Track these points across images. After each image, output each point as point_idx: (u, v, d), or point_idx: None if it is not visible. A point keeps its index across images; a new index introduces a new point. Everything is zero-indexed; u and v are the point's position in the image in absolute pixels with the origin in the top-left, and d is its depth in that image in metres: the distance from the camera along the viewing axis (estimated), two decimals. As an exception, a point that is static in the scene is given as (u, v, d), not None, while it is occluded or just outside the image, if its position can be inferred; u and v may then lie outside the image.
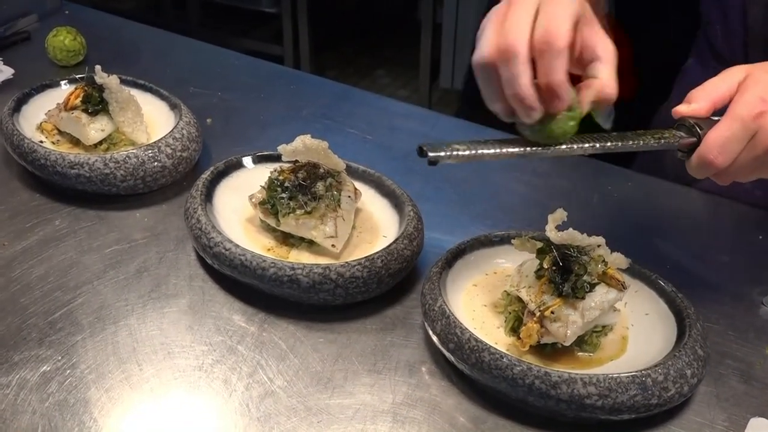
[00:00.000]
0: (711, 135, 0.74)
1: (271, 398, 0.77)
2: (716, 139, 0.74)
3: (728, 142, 0.73)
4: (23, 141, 0.99)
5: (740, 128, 0.73)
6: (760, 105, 0.72)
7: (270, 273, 0.83)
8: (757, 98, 0.73)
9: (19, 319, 0.83)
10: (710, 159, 0.74)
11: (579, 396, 0.72)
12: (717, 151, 0.74)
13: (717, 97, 0.76)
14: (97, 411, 0.75)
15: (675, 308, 0.82)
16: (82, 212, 0.98)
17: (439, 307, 0.79)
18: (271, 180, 0.91)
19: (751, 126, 0.73)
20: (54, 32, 1.28)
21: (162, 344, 0.82)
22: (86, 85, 1.03)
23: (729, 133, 0.73)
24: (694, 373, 0.75)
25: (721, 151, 0.74)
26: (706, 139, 0.75)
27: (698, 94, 0.77)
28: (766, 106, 0.72)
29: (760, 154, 0.74)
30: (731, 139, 0.73)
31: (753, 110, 0.72)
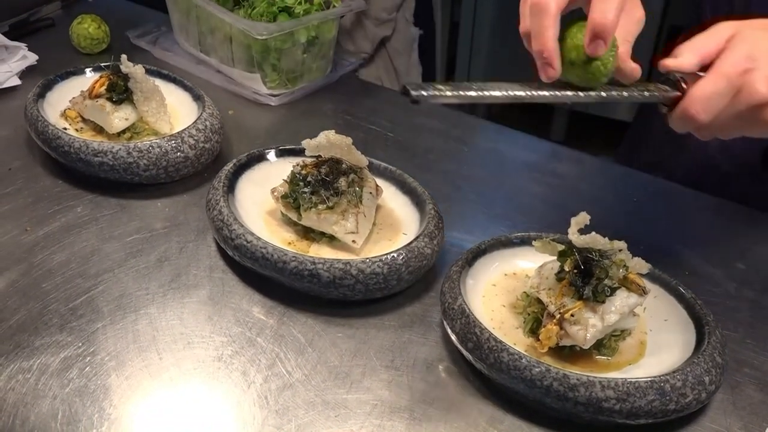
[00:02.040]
0: (695, 90, 0.75)
1: (289, 391, 0.77)
2: (700, 94, 0.74)
3: (711, 98, 0.74)
4: (47, 127, 1.00)
5: (724, 84, 0.73)
6: (745, 62, 0.73)
7: (291, 267, 0.83)
8: (743, 55, 0.73)
9: (41, 304, 0.84)
10: (692, 113, 0.75)
11: (597, 399, 0.72)
12: (700, 106, 0.74)
13: (704, 53, 0.76)
14: (117, 398, 0.75)
15: (694, 315, 0.82)
16: (103, 200, 0.99)
17: (458, 305, 0.79)
18: (293, 174, 0.92)
19: (736, 83, 0.73)
20: (79, 20, 1.28)
21: (182, 334, 0.82)
22: (111, 73, 1.04)
23: (713, 89, 0.74)
24: (712, 380, 0.75)
25: (704, 106, 0.74)
26: (689, 93, 0.75)
27: (686, 48, 0.77)
28: (752, 63, 0.73)
29: (743, 111, 0.74)
30: (715, 94, 0.74)
31: (738, 67, 0.73)
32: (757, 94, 0.73)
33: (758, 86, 0.73)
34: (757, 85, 0.73)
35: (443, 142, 1.17)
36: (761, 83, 0.73)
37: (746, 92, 0.73)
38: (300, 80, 1.24)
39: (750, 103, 0.74)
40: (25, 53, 1.23)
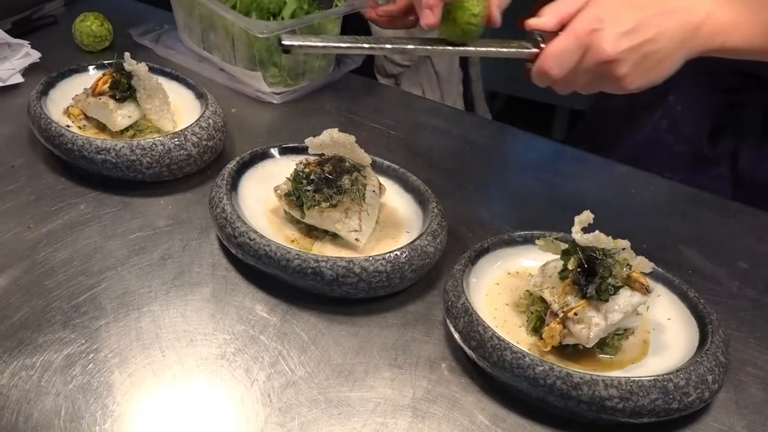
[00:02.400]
0: (549, 47, 0.82)
1: (292, 389, 0.77)
2: (552, 51, 0.82)
3: (563, 55, 0.81)
4: (50, 125, 1.00)
5: (574, 43, 0.81)
6: (594, 23, 0.80)
7: (294, 264, 0.83)
8: (594, 17, 0.81)
9: (44, 301, 0.84)
10: (546, 69, 0.82)
11: (600, 398, 0.72)
12: (553, 62, 0.82)
13: (564, 13, 0.83)
14: (120, 395, 0.75)
15: (697, 314, 0.82)
16: (106, 197, 0.99)
17: (461, 304, 0.79)
18: (296, 172, 0.92)
19: (584, 41, 0.80)
20: (81, 17, 1.28)
21: (185, 331, 0.82)
22: (114, 71, 1.04)
23: (564, 47, 0.81)
24: (715, 379, 0.75)
25: (557, 62, 0.82)
26: (544, 51, 0.82)
27: (548, 9, 0.84)
28: (600, 24, 0.80)
29: (592, 68, 0.82)
30: (565, 52, 0.81)
31: (587, 27, 0.80)
32: (603, 53, 0.80)
33: (604, 45, 0.80)
34: (604, 44, 0.80)
35: (446, 140, 1.17)
36: (607, 42, 0.80)
37: (593, 50, 0.81)
38: (302, 78, 1.24)
39: (597, 60, 0.81)
40: (27, 51, 1.23)
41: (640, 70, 0.82)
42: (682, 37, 0.83)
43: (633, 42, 0.81)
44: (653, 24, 0.81)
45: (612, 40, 0.80)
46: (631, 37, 0.81)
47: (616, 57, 0.81)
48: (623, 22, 0.81)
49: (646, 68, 0.82)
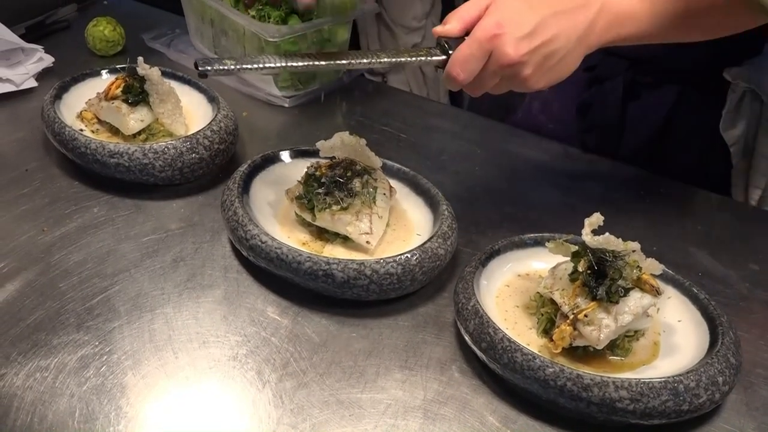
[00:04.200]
0: (454, 54, 0.85)
1: (303, 390, 0.78)
2: (458, 57, 0.85)
3: (468, 61, 0.84)
4: (64, 129, 1.01)
5: (478, 49, 0.84)
6: (495, 28, 0.83)
7: (305, 267, 0.84)
8: (494, 22, 0.84)
9: (58, 304, 0.85)
10: (454, 75, 0.85)
11: (611, 399, 0.72)
12: (459, 69, 0.85)
13: (468, 19, 0.86)
14: (134, 396, 0.76)
15: (708, 315, 0.82)
16: (119, 201, 1.00)
17: (472, 306, 0.80)
18: (307, 175, 0.92)
19: (487, 47, 0.84)
20: (94, 22, 1.30)
21: (197, 333, 0.83)
22: (127, 75, 1.05)
23: (468, 53, 0.84)
24: (726, 380, 0.75)
25: (463, 68, 0.85)
26: (451, 57, 0.86)
27: (452, 16, 0.87)
28: (501, 29, 0.83)
29: (497, 71, 0.85)
30: (470, 58, 0.84)
31: (489, 33, 0.83)
32: (506, 57, 0.83)
33: (506, 49, 0.83)
34: (505, 48, 0.83)
35: (456, 143, 1.18)
36: (508, 46, 0.83)
37: (496, 55, 0.84)
38: (313, 82, 1.24)
39: (501, 64, 0.84)
40: (41, 55, 1.24)
41: (543, 69, 0.86)
42: (578, 35, 0.86)
43: (533, 44, 0.84)
44: (551, 25, 0.84)
45: (513, 44, 0.83)
46: (530, 40, 0.83)
47: (519, 60, 0.84)
48: (522, 25, 0.83)
49: (548, 68, 0.86)
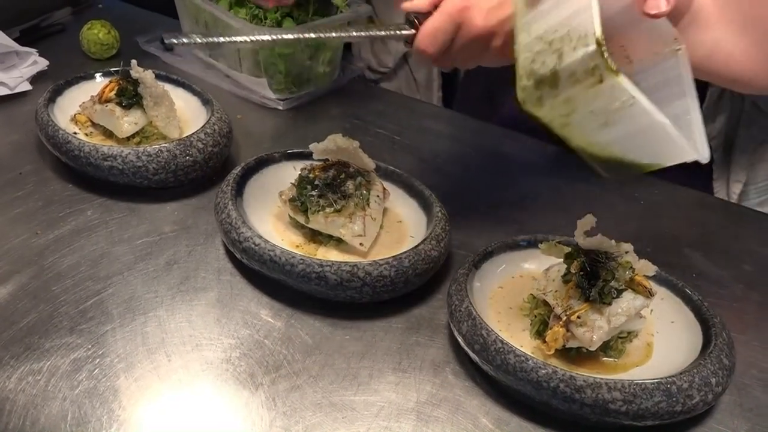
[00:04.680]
0: (423, 27, 0.85)
1: (296, 393, 0.78)
2: (426, 30, 0.85)
3: (436, 34, 0.85)
4: (58, 132, 1.01)
5: (447, 21, 0.84)
6: (463, 1, 0.83)
7: (298, 269, 0.84)
8: None
9: (51, 307, 0.85)
10: (422, 48, 0.86)
11: (603, 401, 0.72)
12: (427, 41, 0.85)
13: None
14: (126, 399, 0.76)
15: (701, 317, 0.82)
16: (113, 203, 1.00)
17: (465, 308, 0.80)
18: (301, 177, 0.92)
19: (456, 19, 0.84)
20: (88, 25, 1.30)
21: (190, 336, 0.83)
22: (121, 78, 1.05)
23: (437, 25, 0.84)
24: (719, 381, 0.75)
25: (431, 41, 0.85)
26: (420, 30, 0.86)
27: None
28: (469, 1, 0.84)
29: (466, 43, 0.85)
30: (439, 30, 0.84)
31: (457, 5, 0.84)
32: (476, 28, 0.84)
33: (476, 21, 0.83)
34: (475, 20, 0.83)
35: (450, 145, 1.18)
36: (478, 18, 0.83)
37: (466, 27, 0.84)
38: (307, 85, 1.24)
39: (471, 35, 0.84)
40: (35, 58, 1.24)
41: None
42: None
43: (502, 15, 0.83)
44: None
45: (482, 15, 0.83)
46: (500, 10, 0.84)
47: (489, 31, 0.84)
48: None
49: None
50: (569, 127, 0.71)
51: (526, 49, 0.71)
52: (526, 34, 0.71)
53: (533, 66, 0.69)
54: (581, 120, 0.69)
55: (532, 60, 0.69)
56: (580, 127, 0.71)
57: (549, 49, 0.68)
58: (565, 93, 0.68)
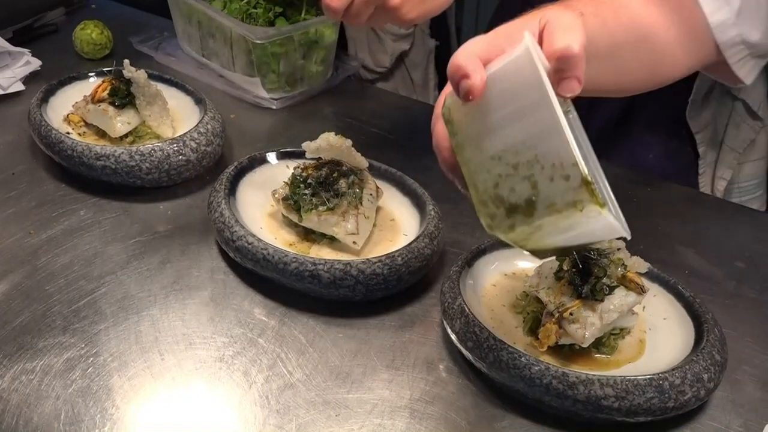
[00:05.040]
0: None
1: (290, 391, 0.78)
2: None
3: None
4: (51, 132, 1.01)
5: None
6: None
7: (292, 268, 0.84)
8: None
9: (44, 306, 0.85)
10: (328, 2, 0.91)
11: (596, 397, 0.73)
12: None
13: None
14: (120, 398, 0.76)
15: (693, 313, 0.83)
16: (106, 203, 1.00)
17: (458, 305, 0.80)
18: (294, 176, 0.92)
19: None
20: (81, 25, 1.29)
21: (183, 335, 0.83)
22: (114, 78, 1.05)
23: None
24: (711, 377, 0.76)
25: None
26: None
27: None
28: None
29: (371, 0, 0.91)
30: None
31: None
32: None
33: None
34: None
35: (444, 144, 1.18)
36: None
37: None
38: (300, 84, 1.24)
39: None
40: (28, 59, 1.24)
41: (414, 1, 0.93)
42: None
43: None
44: None
45: None
46: None
47: None
48: None
49: None
50: (527, 241, 0.66)
51: (482, 169, 0.63)
52: (476, 150, 0.63)
53: (499, 192, 0.62)
54: (543, 235, 0.64)
55: (496, 185, 0.62)
56: (539, 240, 0.65)
57: (515, 174, 0.61)
58: (540, 220, 0.62)
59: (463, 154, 0.64)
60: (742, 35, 0.91)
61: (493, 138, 0.62)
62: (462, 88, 0.62)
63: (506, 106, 0.61)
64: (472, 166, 0.63)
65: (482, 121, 0.63)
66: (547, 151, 0.60)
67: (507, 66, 0.62)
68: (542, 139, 0.60)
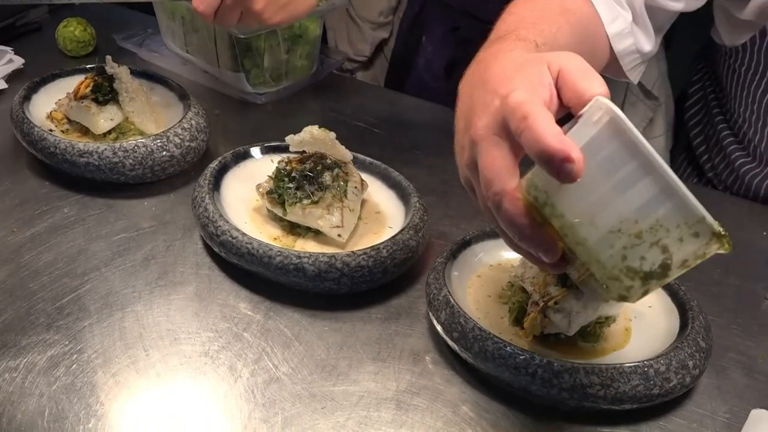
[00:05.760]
0: None
1: (276, 384, 0.77)
2: None
3: None
4: (33, 129, 1.00)
5: None
6: None
7: (276, 261, 0.84)
8: None
9: (28, 304, 0.84)
10: (196, 5, 0.96)
11: (581, 385, 0.73)
12: (199, 1, 0.96)
13: None
14: (104, 395, 0.75)
15: (678, 301, 0.83)
16: (90, 200, 0.99)
17: (443, 296, 0.80)
18: (278, 170, 0.92)
19: None
20: (64, 23, 1.29)
21: (168, 330, 0.82)
22: (96, 74, 1.04)
23: None
24: (696, 364, 0.76)
25: (203, 1, 0.96)
26: None
27: None
28: None
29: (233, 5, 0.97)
30: None
31: None
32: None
33: None
34: None
35: (429, 137, 1.18)
36: None
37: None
38: (285, 79, 1.24)
39: None
40: (11, 57, 1.23)
41: (275, 6, 1.00)
42: None
43: None
44: None
45: None
46: None
47: None
48: None
49: (281, 4, 1.00)
50: None
51: (604, 246, 0.60)
52: (591, 228, 0.59)
53: (630, 264, 0.60)
54: None
55: (623, 257, 0.59)
56: None
57: (641, 243, 0.59)
58: (672, 276, 0.61)
59: (577, 235, 0.60)
60: (636, 45, 0.95)
61: (607, 213, 0.59)
62: (565, 172, 0.55)
63: (611, 177, 0.58)
64: (591, 244, 0.60)
65: (590, 199, 0.59)
66: (668, 214, 0.58)
67: (600, 134, 0.58)
68: (660, 203, 0.58)
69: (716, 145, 1.21)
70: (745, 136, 1.14)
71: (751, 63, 1.09)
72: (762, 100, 1.09)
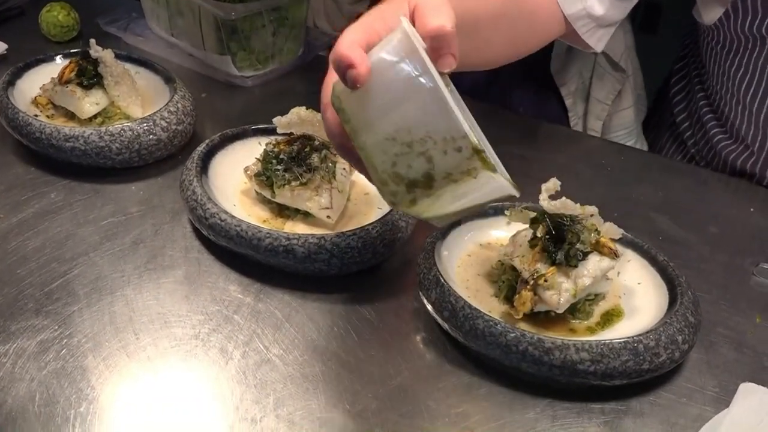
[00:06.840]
0: None
1: (267, 366, 0.77)
2: None
3: None
4: (18, 114, 0.99)
5: None
6: None
7: (266, 243, 0.84)
8: None
9: (16, 289, 0.84)
10: None
11: (572, 362, 0.73)
12: None
13: None
14: (95, 379, 0.75)
15: (667, 277, 0.83)
16: (77, 185, 0.99)
17: (433, 276, 0.80)
18: (266, 152, 0.92)
19: None
20: (48, 8, 1.28)
21: (158, 314, 0.82)
22: (81, 59, 1.03)
23: None
24: (685, 339, 0.76)
25: None
26: None
27: None
28: None
29: None
30: None
31: None
32: None
33: None
34: None
35: (417, 118, 1.17)
36: None
37: None
38: (271, 61, 1.23)
39: None
40: (-6, 43, 1.22)
41: None
42: None
43: None
44: None
45: None
46: None
47: None
48: None
49: None
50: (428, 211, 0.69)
51: (378, 151, 0.65)
52: (371, 134, 0.65)
53: (398, 170, 0.65)
54: (443, 203, 0.67)
55: (394, 164, 0.65)
56: (439, 208, 0.68)
57: (411, 152, 0.64)
58: (439, 191, 0.66)
59: (358, 138, 0.66)
60: (586, 9, 0.97)
61: (385, 121, 0.64)
62: (348, 77, 0.63)
63: (393, 89, 0.64)
64: (369, 149, 0.66)
65: (372, 106, 0.65)
66: (437, 128, 0.63)
67: (388, 50, 0.64)
68: (431, 117, 0.63)
69: (698, 122, 1.21)
70: (723, 114, 1.15)
71: (726, 41, 1.10)
72: (735, 77, 1.10)
